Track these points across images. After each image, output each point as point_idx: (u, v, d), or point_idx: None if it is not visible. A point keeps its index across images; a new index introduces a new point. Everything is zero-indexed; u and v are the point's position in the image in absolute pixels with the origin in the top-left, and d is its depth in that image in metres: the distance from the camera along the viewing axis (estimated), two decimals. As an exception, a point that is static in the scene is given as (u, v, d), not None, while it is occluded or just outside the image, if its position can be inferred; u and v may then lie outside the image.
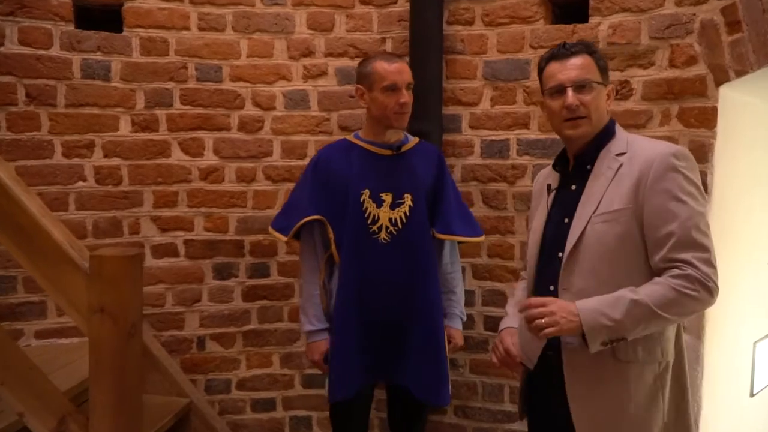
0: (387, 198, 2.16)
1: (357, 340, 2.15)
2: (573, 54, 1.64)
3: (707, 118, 2.26)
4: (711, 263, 1.48)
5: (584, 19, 2.45)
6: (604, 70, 1.67)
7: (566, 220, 1.65)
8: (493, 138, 2.61)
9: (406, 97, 2.11)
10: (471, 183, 2.65)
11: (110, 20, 2.57)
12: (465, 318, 2.37)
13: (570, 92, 1.61)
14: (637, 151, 1.59)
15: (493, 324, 2.64)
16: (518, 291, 1.93)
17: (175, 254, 2.69)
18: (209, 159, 2.69)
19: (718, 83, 2.23)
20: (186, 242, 2.70)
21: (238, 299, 2.75)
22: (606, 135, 1.66)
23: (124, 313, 1.52)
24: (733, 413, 2.64)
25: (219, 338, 2.75)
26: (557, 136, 2.45)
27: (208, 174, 2.70)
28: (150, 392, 2.47)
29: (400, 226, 2.16)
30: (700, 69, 2.27)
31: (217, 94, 2.67)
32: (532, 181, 2.54)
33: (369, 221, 2.15)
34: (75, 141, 2.54)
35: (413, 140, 2.29)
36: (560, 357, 1.60)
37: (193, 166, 2.69)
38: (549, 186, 1.75)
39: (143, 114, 2.62)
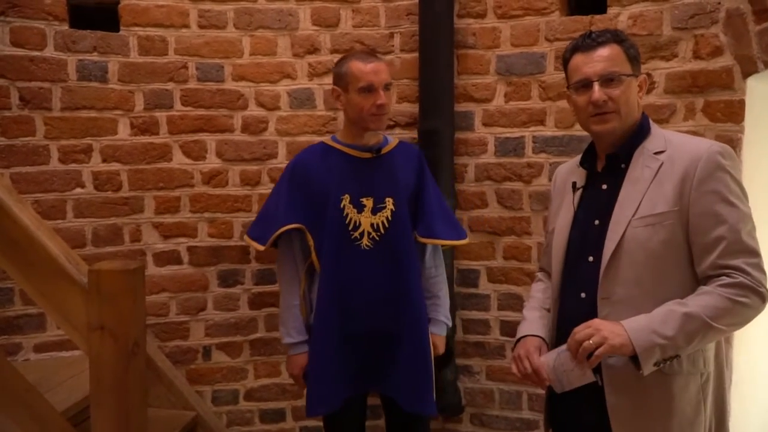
0: (368, 203, 2.08)
1: (339, 352, 2.07)
2: (599, 44, 1.54)
3: (734, 112, 2.16)
4: (761, 268, 1.41)
5: (602, 10, 2.35)
6: (634, 60, 1.56)
7: (597, 222, 1.56)
8: (508, 135, 2.51)
9: (383, 98, 2.01)
10: (485, 182, 2.55)
11: (106, 19, 2.47)
12: (450, 323, 2.28)
13: (596, 87, 1.51)
14: (677, 148, 1.50)
15: (509, 329, 2.55)
16: (536, 293, 1.82)
17: (179, 262, 2.60)
18: (212, 162, 2.59)
19: (746, 75, 2.13)
20: (189, 249, 2.60)
21: (244, 307, 2.66)
22: (641, 132, 1.56)
23: (125, 330, 1.43)
24: (761, 417, 2.54)
25: (225, 348, 2.65)
26: (575, 133, 2.40)
27: (211, 178, 2.60)
28: (154, 406, 2.38)
29: (382, 231, 2.08)
30: (726, 60, 2.16)
31: (219, 94, 2.57)
32: (549, 180, 2.43)
33: (350, 227, 2.07)
34: (72, 146, 2.44)
35: (393, 142, 2.20)
36: (595, 368, 1.49)
37: (196, 170, 2.59)
38: (575, 184, 1.64)
39: (142, 116, 2.52)
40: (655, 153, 1.51)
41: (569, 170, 1.74)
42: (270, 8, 2.56)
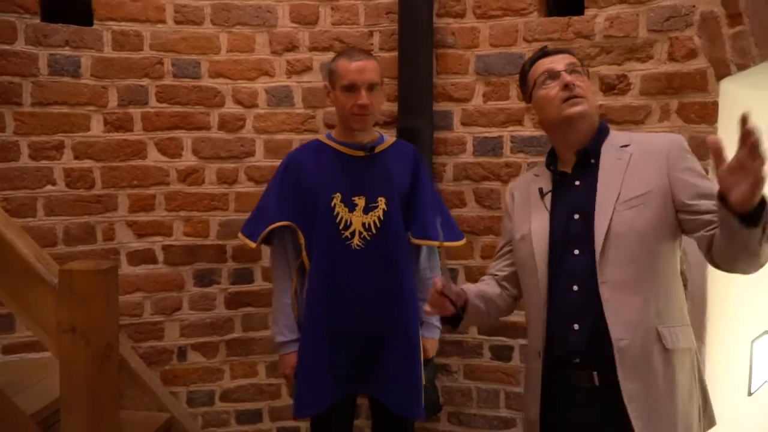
0: (360, 202, 2.05)
1: (327, 353, 2.04)
2: (558, 52, 1.67)
3: (708, 114, 2.20)
4: None
5: (580, 11, 2.37)
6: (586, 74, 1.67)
7: (576, 216, 1.59)
8: (486, 135, 2.51)
9: (365, 98, 1.97)
10: (463, 182, 2.55)
11: (79, 13, 2.42)
12: (441, 327, 2.24)
13: (564, 73, 1.59)
14: (641, 142, 1.61)
15: (488, 329, 2.56)
16: (484, 286, 1.79)
17: (153, 261, 2.55)
18: (188, 160, 2.56)
19: (719, 77, 2.17)
20: (164, 248, 2.56)
21: (220, 306, 2.62)
22: (603, 130, 1.66)
23: (97, 332, 1.40)
24: (731, 412, 2.59)
25: (201, 348, 2.62)
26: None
27: (187, 176, 2.56)
28: (128, 408, 2.34)
29: (374, 231, 2.04)
30: (700, 62, 2.19)
31: (195, 91, 2.53)
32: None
33: (341, 227, 2.04)
34: (43, 142, 2.38)
35: (388, 140, 2.17)
36: (592, 361, 1.51)
37: (171, 168, 2.55)
38: (541, 189, 1.67)
39: (116, 113, 2.47)
40: (622, 146, 1.60)
41: (525, 183, 1.76)
42: (248, 4, 2.53)
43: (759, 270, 1.42)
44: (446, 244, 2.20)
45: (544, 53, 1.67)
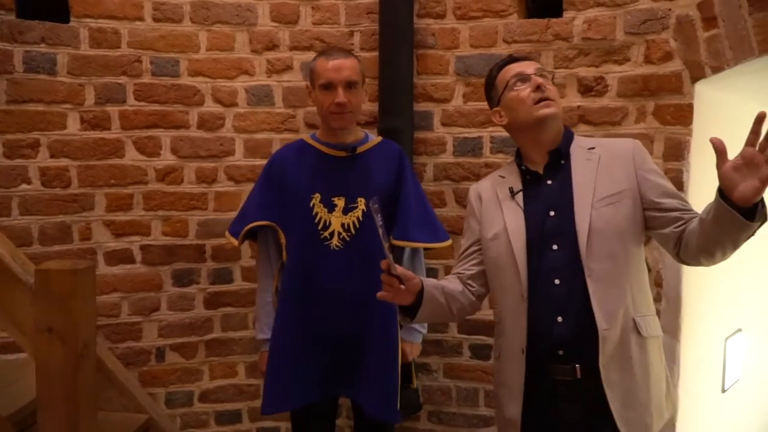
0: (339, 202, 2.05)
1: (300, 353, 2.04)
2: (524, 59, 1.75)
3: (683, 115, 2.23)
4: None
5: (558, 14, 2.39)
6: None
7: (552, 213, 1.63)
8: (466, 135, 2.53)
9: (342, 96, 1.97)
10: (443, 182, 2.56)
11: (55, 9, 2.38)
12: (425, 331, 2.25)
13: (535, 76, 1.65)
14: (605, 145, 1.71)
15: (467, 327, 2.57)
16: (449, 284, 1.78)
17: (131, 261, 2.53)
18: (167, 159, 2.54)
19: (694, 80, 2.20)
20: (142, 248, 2.54)
21: (199, 307, 2.61)
22: (569, 135, 1.73)
23: (74, 332, 1.38)
24: (706, 410, 2.63)
25: (180, 348, 2.60)
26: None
27: (165, 175, 2.54)
28: (105, 410, 2.30)
29: (353, 231, 2.03)
30: (675, 65, 2.23)
31: (174, 89, 2.51)
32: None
33: (320, 227, 2.04)
34: (18, 140, 2.35)
35: (373, 140, 2.16)
36: (575, 353, 1.56)
37: (149, 167, 2.52)
38: (512, 189, 1.71)
39: (93, 111, 2.44)
40: (589, 148, 1.68)
41: (491, 184, 1.79)
42: (228, 3, 2.52)
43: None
44: (427, 245, 2.18)
45: (511, 59, 1.74)
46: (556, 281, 1.60)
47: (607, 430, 1.55)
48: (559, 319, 1.58)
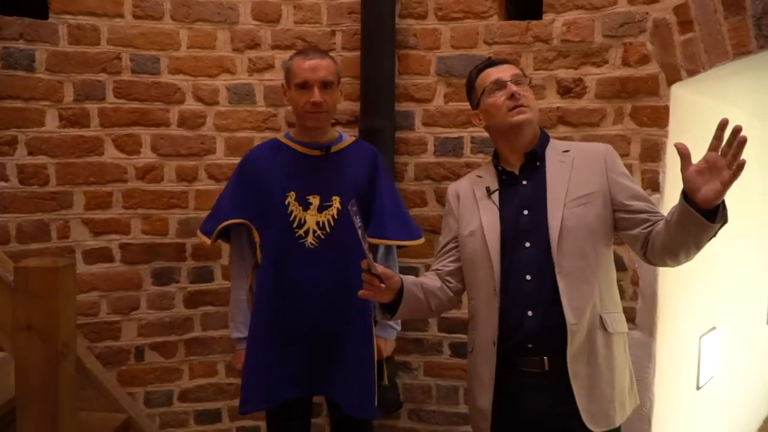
0: (314, 201, 2.06)
1: (276, 351, 2.05)
2: (503, 62, 1.80)
3: (660, 117, 2.27)
4: None
5: (538, 16, 2.42)
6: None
7: (526, 212, 1.70)
8: (447, 135, 2.55)
9: (317, 96, 1.99)
10: (424, 182, 2.58)
11: (34, 5, 2.36)
12: (399, 328, 2.28)
13: (510, 83, 1.71)
14: (578, 148, 1.77)
15: (447, 325, 2.59)
16: (421, 278, 1.84)
17: (110, 259, 2.51)
18: (147, 157, 2.52)
19: (670, 82, 2.24)
20: (122, 246, 2.52)
21: (179, 306, 2.59)
22: (545, 137, 1.80)
23: (54, 330, 1.37)
24: (682, 406, 2.68)
25: (159, 348, 2.58)
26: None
27: (145, 173, 2.52)
28: (84, 409, 2.27)
29: (328, 230, 2.05)
30: (652, 68, 2.27)
31: (154, 87, 2.50)
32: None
33: (294, 225, 2.05)
34: (-5, 137, 2.32)
35: (347, 140, 2.18)
36: (544, 346, 1.62)
37: (129, 165, 2.51)
38: (488, 188, 1.77)
39: (72, 108, 2.42)
40: (563, 151, 1.75)
41: (469, 183, 1.85)
42: (209, 0, 2.51)
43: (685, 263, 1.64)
44: (402, 243, 2.20)
45: (490, 63, 1.79)
46: (528, 277, 1.67)
47: (572, 421, 1.62)
48: (530, 313, 1.64)
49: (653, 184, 2.27)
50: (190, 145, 2.55)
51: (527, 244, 1.68)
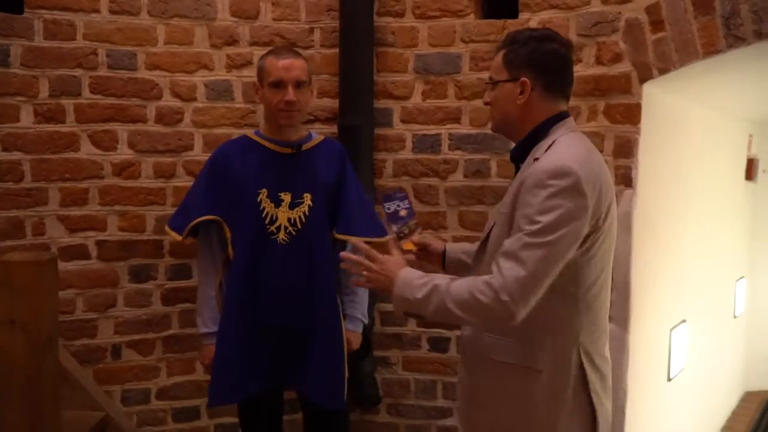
0: (286, 198, 2.10)
1: (247, 344, 2.08)
2: (497, 51, 1.60)
3: (632, 115, 2.32)
4: (523, 282, 1.37)
5: (514, 15, 2.46)
6: (512, 64, 1.54)
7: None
8: (425, 132, 2.58)
9: (291, 95, 2.03)
10: (402, 178, 2.61)
11: (9, 0, 2.31)
12: (366, 320, 2.31)
13: (487, 91, 1.64)
14: (542, 159, 1.48)
15: (426, 321, 2.62)
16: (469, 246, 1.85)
17: (86, 256, 2.48)
18: (123, 153, 2.50)
19: (642, 80, 2.29)
20: (98, 243, 2.49)
21: (157, 303, 2.58)
22: (533, 138, 1.55)
23: (37, 324, 1.37)
24: (653, 397, 2.75)
25: (136, 345, 2.56)
26: (489, 131, 2.48)
27: (122, 169, 2.50)
28: (61, 407, 2.26)
29: (299, 226, 2.10)
30: (625, 66, 2.32)
31: (131, 83, 2.48)
32: (464, 176, 2.54)
33: (267, 221, 2.08)
34: (-32, 133, 2.28)
35: (317, 138, 2.22)
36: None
37: (106, 161, 2.48)
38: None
39: (48, 103, 2.39)
40: (535, 159, 1.50)
41: None
42: (186, -4, 2.50)
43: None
44: (369, 239, 2.17)
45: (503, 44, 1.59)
46: None
47: None
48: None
49: (626, 180, 2.33)
50: (168, 141, 2.54)
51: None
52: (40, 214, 2.41)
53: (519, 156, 1.58)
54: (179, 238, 2.16)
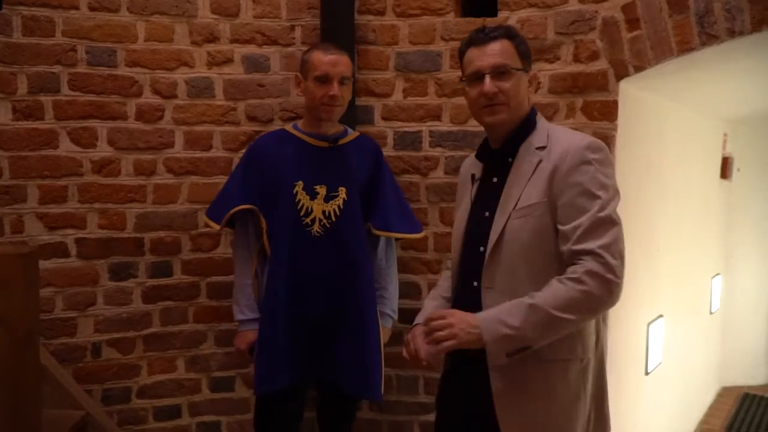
0: (321, 191, 2.15)
1: (286, 334, 2.12)
2: (492, 39, 1.58)
3: (609, 112, 2.37)
4: (615, 253, 1.42)
5: (494, 13, 2.49)
6: (524, 56, 1.62)
7: (486, 214, 1.61)
8: (406, 130, 2.59)
9: (336, 90, 2.08)
10: (384, 175, 2.62)
11: (-15, -5, 2.31)
12: (396, 316, 2.36)
13: (488, 79, 1.56)
14: (555, 143, 1.55)
15: (407, 317, 2.62)
16: (441, 281, 1.89)
17: (66, 254, 2.46)
18: (103, 150, 2.48)
19: (619, 78, 2.34)
20: (77, 241, 2.47)
21: (137, 301, 2.56)
22: (527, 126, 1.61)
23: (17, 319, 1.36)
24: (631, 391, 2.79)
25: (117, 344, 2.54)
26: (469, 128, 2.53)
27: (102, 167, 2.48)
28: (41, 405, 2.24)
29: (333, 219, 2.14)
30: (602, 64, 2.36)
31: (111, 79, 2.46)
32: (445, 173, 2.56)
33: (302, 213, 2.13)
34: (-56, 129, 2.25)
35: (353, 134, 2.28)
36: (478, 355, 1.49)
37: (85, 158, 2.46)
38: (473, 176, 1.72)
39: (26, 100, 2.37)
40: (537, 148, 1.56)
41: (471, 162, 1.77)
42: (166, -7, 2.50)
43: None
44: (406, 235, 2.31)
45: (474, 40, 1.61)
46: (474, 283, 1.60)
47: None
48: None
49: (603, 176, 2.36)
50: (148, 138, 2.53)
51: (481, 249, 1.59)
52: (19, 211, 2.39)
53: (511, 147, 1.59)
54: (217, 227, 2.22)
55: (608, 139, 2.36)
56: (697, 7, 2.07)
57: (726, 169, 4.05)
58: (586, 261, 1.41)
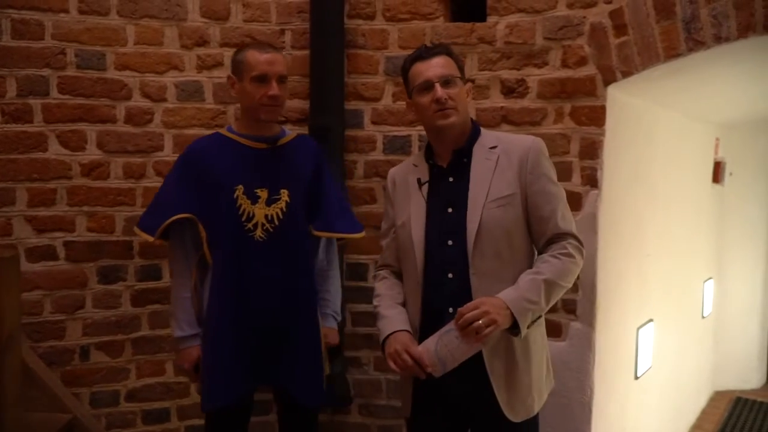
0: (262, 194, 2.06)
1: (234, 345, 2.05)
2: (435, 54, 1.76)
3: (597, 117, 2.38)
4: (577, 234, 1.76)
5: (483, 18, 2.50)
6: (462, 70, 1.80)
7: (450, 210, 1.74)
8: (396, 134, 2.60)
9: (276, 89, 2.00)
10: (374, 179, 2.63)
11: (-26, -2, 2.31)
12: (339, 318, 2.30)
13: (438, 86, 1.71)
14: (507, 143, 1.78)
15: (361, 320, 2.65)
16: (385, 290, 1.88)
17: (54, 257, 2.46)
18: (92, 153, 2.48)
19: (606, 83, 2.35)
20: (66, 244, 2.47)
21: (126, 304, 2.56)
22: (476, 131, 1.81)
23: (-3, 322, 1.36)
24: (620, 396, 2.79)
25: (105, 347, 2.54)
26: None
27: (91, 170, 2.49)
28: (27, 409, 2.22)
29: (276, 222, 2.06)
30: (589, 69, 2.37)
31: (100, 83, 2.47)
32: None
33: (243, 219, 2.04)
34: (-68, 132, 2.26)
35: (291, 134, 2.20)
36: None
37: (74, 161, 2.47)
38: (419, 180, 1.80)
39: (15, 103, 2.37)
40: (490, 148, 1.76)
41: (405, 171, 1.88)
42: (156, -3, 2.50)
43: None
44: (348, 235, 2.26)
45: (420, 55, 1.77)
46: (450, 275, 1.72)
47: (492, 412, 1.70)
48: (450, 309, 1.67)
49: (591, 180, 2.37)
50: (138, 141, 2.53)
51: (450, 242, 1.72)
52: (8, 214, 2.39)
53: (467, 149, 1.77)
54: (151, 239, 2.08)
55: (596, 144, 2.37)
56: (684, 14, 2.08)
57: (718, 173, 4.05)
58: (568, 239, 1.71)
